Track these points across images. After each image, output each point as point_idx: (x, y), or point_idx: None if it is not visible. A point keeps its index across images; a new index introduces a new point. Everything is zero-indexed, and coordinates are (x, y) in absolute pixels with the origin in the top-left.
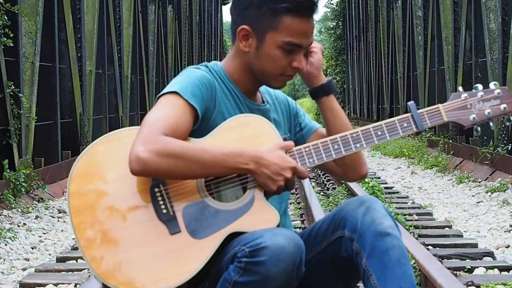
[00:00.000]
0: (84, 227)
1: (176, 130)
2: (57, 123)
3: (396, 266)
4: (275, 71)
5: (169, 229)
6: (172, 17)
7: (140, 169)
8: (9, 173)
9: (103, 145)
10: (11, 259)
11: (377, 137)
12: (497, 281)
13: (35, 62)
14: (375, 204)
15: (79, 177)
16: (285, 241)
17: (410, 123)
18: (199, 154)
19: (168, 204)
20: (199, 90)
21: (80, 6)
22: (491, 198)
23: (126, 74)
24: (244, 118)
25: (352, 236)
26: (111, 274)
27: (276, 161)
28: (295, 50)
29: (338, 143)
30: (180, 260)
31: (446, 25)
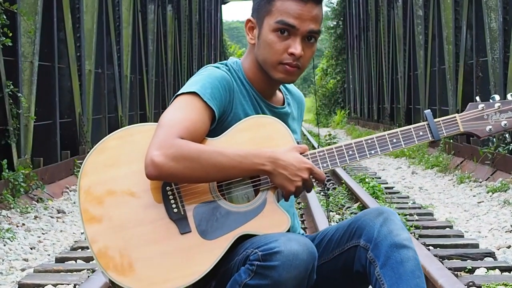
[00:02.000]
0: (94, 223)
1: (193, 133)
2: (56, 123)
3: (410, 278)
4: (272, 58)
5: (179, 229)
6: (172, 16)
7: (155, 173)
8: (8, 173)
9: (114, 141)
10: (10, 259)
11: (392, 145)
12: (498, 282)
13: (34, 62)
14: (392, 216)
15: (90, 172)
16: (299, 248)
17: (426, 132)
18: (215, 157)
19: (179, 203)
20: (218, 92)
21: (79, 5)
22: (492, 198)
23: (125, 73)
24: (259, 119)
25: (368, 245)
26: (120, 271)
27: (292, 162)
28: (291, 34)
29: (353, 149)
30: (190, 260)
31: (447, 24)
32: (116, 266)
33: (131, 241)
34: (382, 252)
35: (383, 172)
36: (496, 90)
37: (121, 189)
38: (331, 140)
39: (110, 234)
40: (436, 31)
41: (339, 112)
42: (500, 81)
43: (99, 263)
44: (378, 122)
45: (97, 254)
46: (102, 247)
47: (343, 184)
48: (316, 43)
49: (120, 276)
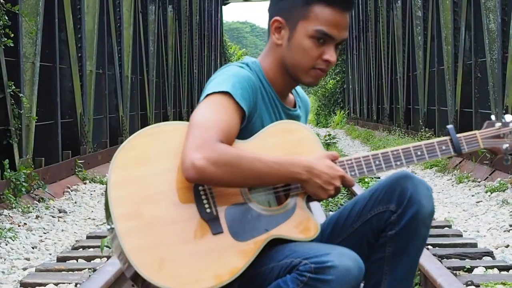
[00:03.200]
0: (125, 219)
1: (228, 135)
2: (58, 123)
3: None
4: (306, 63)
5: (212, 229)
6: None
7: (196, 177)
8: (9, 173)
9: (144, 138)
10: (11, 258)
11: (416, 157)
12: (497, 281)
13: (35, 62)
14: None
15: (121, 168)
16: (352, 264)
17: (449, 146)
18: (254, 164)
19: (211, 203)
20: (247, 93)
21: (80, 6)
22: (491, 198)
23: (126, 74)
24: (287, 125)
25: (398, 209)
26: (152, 269)
27: (326, 171)
28: (326, 42)
29: (380, 159)
30: (222, 261)
31: (445, 25)
32: (148, 264)
33: (162, 239)
34: (404, 219)
35: (382, 172)
36: (494, 90)
37: (152, 186)
38: (331, 140)
39: (142, 232)
40: (435, 32)
41: (339, 112)
42: (498, 82)
43: (132, 260)
44: (377, 122)
45: (129, 252)
46: (135, 245)
47: None
48: None
49: (152, 274)
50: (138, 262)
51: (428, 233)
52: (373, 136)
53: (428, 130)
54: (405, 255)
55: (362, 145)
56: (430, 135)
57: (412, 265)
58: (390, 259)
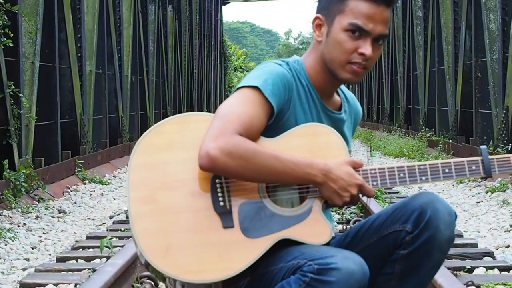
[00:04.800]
0: (140, 202)
1: (249, 129)
2: (57, 123)
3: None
4: (341, 57)
5: (223, 222)
6: (172, 17)
7: (209, 166)
8: (9, 173)
9: (171, 126)
10: (11, 259)
11: (443, 174)
12: (497, 281)
13: (35, 62)
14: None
15: (143, 152)
16: (356, 267)
17: (479, 167)
18: (269, 160)
19: (226, 197)
20: (278, 89)
21: (80, 6)
22: (491, 198)
23: (126, 74)
24: (316, 128)
25: (414, 230)
26: (157, 254)
27: (343, 177)
28: (362, 36)
29: (405, 172)
30: (229, 255)
31: (446, 25)
32: (154, 248)
33: (173, 226)
34: (418, 242)
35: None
36: (495, 90)
37: (172, 174)
38: None
39: (154, 217)
40: (436, 32)
41: None
42: (499, 82)
43: (139, 243)
44: (377, 122)
45: (138, 234)
46: (144, 228)
47: None
48: (382, 45)
49: (156, 258)
50: (145, 245)
51: (443, 259)
52: (373, 136)
53: (429, 130)
54: (414, 276)
55: (362, 145)
56: (430, 135)
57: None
58: (398, 276)
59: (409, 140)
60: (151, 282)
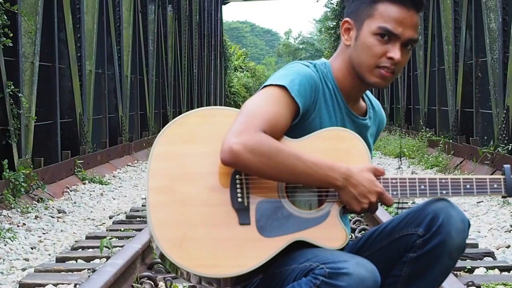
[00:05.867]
0: (158, 192)
1: (274, 128)
2: (57, 123)
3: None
4: (370, 61)
5: (239, 219)
6: (172, 17)
7: (231, 161)
8: (8, 173)
9: (196, 118)
10: (10, 259)
11: (464, 190)
12: (498, 281)
13: (34, 62)
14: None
15: (166, 143)
16: (367, 274)
17: (501, 185)
18: (292, 160)
19: (245, 194)
20: (305, 90)
21: (79, 5)
22: (492, 198)
23: (126, 74)
24: (341, 132)
25: (425, 234)
26: (172, 245)
27: (364, 183)
28: (391, 40)
29: (426, 185)
30: (242, 252)
31: (446, 24)
32: (169, 240)
33: (189, 219)
34: (428, 246)
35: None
36: (495, 90)
37: (192, 166)
38: None
39: (171, 207)
40: (436, 32)
41: None
42: (499, 82)
43: (154, 233)
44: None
45: (154, 224)
46: (161, 218)
47: None
48: (411, 49)
49: (171, 250)
50: (160, 236)
51: (452, 265)
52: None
53: (429, 130)
54: (421, 280)
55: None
56: (430, 135)
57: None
58: (405, 279)
59: (410, 140)
60: (151, 282)
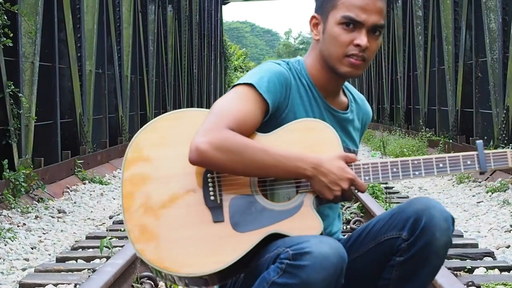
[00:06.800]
0: (132, 197)
1: (242, 125)
2: (57, 123)
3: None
4: (338, 51)
5: (213, 217)
6: (172, 17)
7: (198, 160)
8: (8, 173)
9: (167, 122)
10: (10, 259)
11: (437, 169)
12: (498, 281)
13: (34, 62)
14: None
15: (138, 148)
16: (330, 251)
17: (474, 161)
18: (259, 154)
19: (217, 191)
20: (274, 86)
21: (79, 5)
22: (492, 198)
23: (126, 74)
24: (311, 123)
25: (409, 238)
26: (147, 246)
27: (334, 171)
28: (356, 27)
29: (398, 167)
30: (218, 249)
31: (446, 25)
32: (144, 241)
33: (164, 220)
34: (414, 249)
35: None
36: (495, 90)
37: (165, 169)
38: None
39: (146, 211)
40: (436, 32)
41: None
42: (499, 82)
43: (129, 236)
44: (377, 122)
45: (129, 227)
46: (136, 221)
47: None
48: (380, 36)
49: (146, 251)
50: (136, 238)
51: (441, 263)
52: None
53: (429, 130)
54: (412, 282)
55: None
56: (430, 135)
57: None
58: (396, 282)
59: (410, 140)
60: (151, 282)
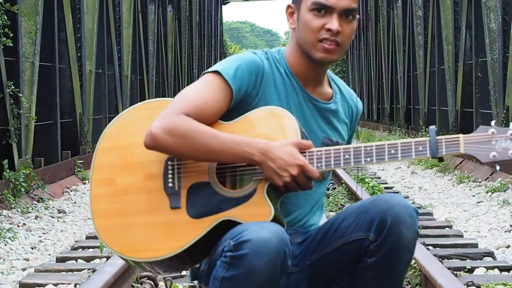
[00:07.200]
0: (99, 184)
1: (202, 112)
2: (57, 123)
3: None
4: (311, 37)
5: (170, 203)
6: (172, 17)
7: (150, 144)
8: (9, 173)
9: (138, 111)
10: (10, 259)
11: (389, 155)
12: (497, 281)
13: (34, 62)
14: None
15: (109, 137)
16: (269, 235)
17: (426, 147)
18: (208, 139)
19: (176, 179)
20: (242, 73)
21: (80, 6)
22: (492, 198)
23: (126, 74)
24: (272, 110)
25: (377, 239)
26: (110, 233)
27: (283, 156)
28: (327, 12)
29: (350, 154)
30: (173, 235)
31: (446, 25)
32: (107, 228)
33: (127, 207)
34: (383, 250)
35: (382, 172)
36: (495, 90)
37: (131, 157)
38: None
39: (110, 198)
40: (436, 32)
41: None
42: (499, 82)
43: (94, 223)
44: (377, 122)
45: (94, 214)
46: (100, 209)
47: (343, 184)
48: (354, 20)
49: (108, 238)
50: (98, 225)
51: (411, 257)
52: (373, 136)
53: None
54: (388, 280)
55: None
56: None
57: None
58: (372, 281)
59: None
60: (151, 282)
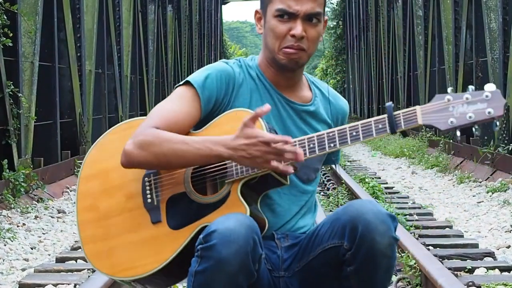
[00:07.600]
0: (84, 211)
1: (172, 123)
2: (57, 123)
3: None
4: (276, 43)
5: (151, 218)
6: (172, 16)
7: (125, 161)
8: (8, 173)
9: (115, 134)
10: (10, 259)
11: (351, 138)
12: (498, 282)
13: (34, 62)
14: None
15: (89, 163)
16: (236, 223)
17: (385, 124)
18: (177, 145)
19: (154, 193)
20: (211, 82)
21: (79, 5)
22: (492, 198)
23: (125, 74)
24: (238, 112)
25: (350, 246)
26: (99, 258)
27: (242, 141)
28: (291, 18)
29: (314, 142)
30: (157, 249)
31: (446, 24)
32: (96, 253)
33: (111, 230)
34: (359, 258)
35: (383, 172)
36: None
37: (110, 180)
38: None
39: (95, 223)
40: (436, 31)
41: None
42: (500, 81)
43: (83, 249)
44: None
45: (82, 241)
46: (87, 235)
47: (343, 184)
48: (320, 24)
49: (98, 262)
50: (88, 251)
51: (392, 261)
52: None
53: (429, 130)
54: (372, 284)
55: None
56: (431, 135)
57: None
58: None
59: (410, 140)
60: None
